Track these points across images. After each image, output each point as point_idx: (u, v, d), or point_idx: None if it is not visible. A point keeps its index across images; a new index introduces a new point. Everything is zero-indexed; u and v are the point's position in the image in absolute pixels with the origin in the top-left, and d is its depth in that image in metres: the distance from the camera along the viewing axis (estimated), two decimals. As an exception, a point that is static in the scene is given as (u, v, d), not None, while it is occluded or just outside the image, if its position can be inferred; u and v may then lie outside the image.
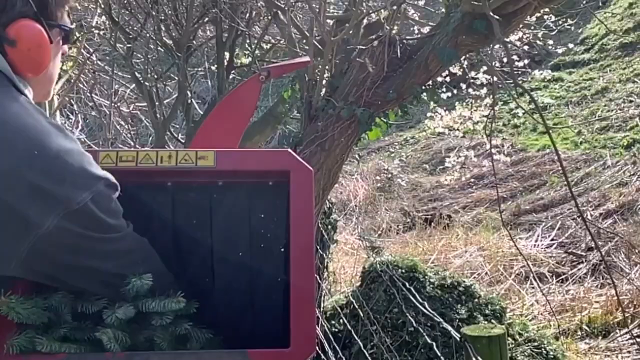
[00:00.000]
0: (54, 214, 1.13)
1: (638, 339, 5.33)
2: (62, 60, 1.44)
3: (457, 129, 6.18)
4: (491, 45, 3.54)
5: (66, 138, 1.21)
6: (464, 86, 5.02)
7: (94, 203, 1.18)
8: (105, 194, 1.22)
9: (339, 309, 4.65)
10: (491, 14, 2.90)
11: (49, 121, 1.22)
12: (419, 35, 3.75)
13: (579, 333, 5.70)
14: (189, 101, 5.00)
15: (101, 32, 5.50)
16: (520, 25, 3.86)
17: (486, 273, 7.11)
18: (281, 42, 5.09)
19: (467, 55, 3.70)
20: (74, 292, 1.27)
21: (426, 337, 3.08)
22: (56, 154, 1.16)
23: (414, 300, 3.25)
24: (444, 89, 4.45)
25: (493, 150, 5.43)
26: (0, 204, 1.11)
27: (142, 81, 4.92)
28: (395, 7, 3.52)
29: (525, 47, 4.83)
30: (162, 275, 1.34)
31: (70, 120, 6.37)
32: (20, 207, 1.11)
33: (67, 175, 1.16)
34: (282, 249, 1.42)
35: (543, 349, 4.35)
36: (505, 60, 4.43)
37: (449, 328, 2.32)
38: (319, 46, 3.67)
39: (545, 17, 4.97)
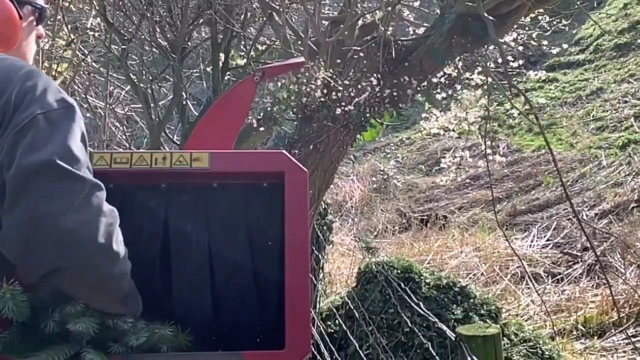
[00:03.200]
0: (8, 133, 1.10)
1: (633, 339, 5.34)
2: (44, 47, 1.45)
3: (453, 130, 6.17)
4: (486, 46, 3.55)
5: (24, 66, 1.20)
6: (458, 87, 5.02)
7: (46, 119, 1.11)
8: (62, 116, 1.15)
9: (334, 309, 4.65)
10: (485, 14, 2.91)
11: (12, 58, 1.23)
12: (414, 36, 3.76)
13: (575, 333, 5.70)
14: (184, 103, 5.00)
15: (96, 34, 5.49)
16: (515, 26, 3.88)
17: (482, 273, 7.12)
18: (276, 43, 5.09)
19: (462, 56, 3.71)
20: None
21: (422, 337, 3.08)
22: (24, 79, 1.15)
23: (410, 301, 3.26)
24: (439, 90, 4.46)
25: (488, 151, 5.43)
26: None
27: (137, 83, 4.92)
28: (390, 8, 3.52)
29: (520, 48, 4.83)
30: (122, 261, 1.23)
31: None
32: None
33: (27, 96, 1.13)
34: (277, 250, 1.42)
35: (539, 349, 4.35)
36: (500, 60, 4.44)
37: (445, 328, 2.32)
38: (314, 47, 3.68)
39: (540, 17, 4.97)
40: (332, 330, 4.53)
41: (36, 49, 1.42)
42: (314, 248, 4.60)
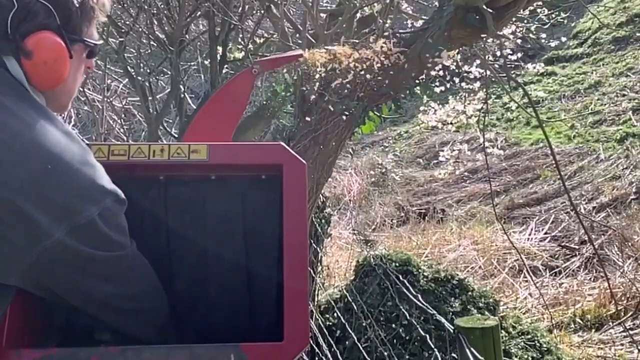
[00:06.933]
0: (62, 227, 1.11)
1: (631, 332, 5.36)
2: (85, 75, 1.41)
3: (451, 123, 6.17)
4: (484, 39, 3.54)
5: (79, 149, 1.18)
6: (457, 80, 5.01)
7: (101, 219, 1.15)
8: (113, 210, 1.19)
9: (333, 302, 4.65)
10: (484, 7, 2.90)
11: (63, 130, 1.19)
12: (412, 29, 3.75)
13: (572, 326, 5.72)
14: (182, 96, 5.00)
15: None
16: (513, 19, 3.87)
17: (480, 267, 7.13)
18: (274, 36, 5.08)
19: (461, 49, 3.70)
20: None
21: (420, 330, 3.08)
22: (68, 167, 1.14)
23: (408, 294, 3.26)
24: (437, 83, 4.45)
25: (486, 144, 5.43)
26: (13, 209, 1.08)
27: (134, 76, 4.91)
28: (388, 1, 3.51)
29: (519, 41, 4.82)
30: (157, 296, 1.33)
31: (63, 116, 6.34)
32: (31, 215, 1.09)
33: (77, 188, 1.14)
34: (276, 243, 1.41)
35: (536, 342, 4.36)
36: (498, 53, 4.44)
37: (443, 320, 2.33)
38: (312, 40, 3.67)
39: (539, 10, 4.97)
40: (330, 323, 4.54)
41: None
42: (312, 241, 4.60)
